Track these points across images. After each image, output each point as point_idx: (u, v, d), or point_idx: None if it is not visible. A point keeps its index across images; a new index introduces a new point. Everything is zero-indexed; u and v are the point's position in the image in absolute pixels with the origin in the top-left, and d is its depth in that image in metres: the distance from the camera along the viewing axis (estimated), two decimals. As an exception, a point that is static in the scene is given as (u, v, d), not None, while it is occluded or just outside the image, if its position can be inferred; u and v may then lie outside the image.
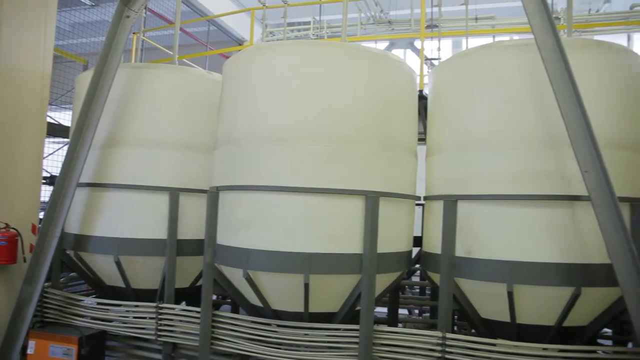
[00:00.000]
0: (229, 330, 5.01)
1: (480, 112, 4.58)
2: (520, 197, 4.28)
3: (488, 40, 12.28)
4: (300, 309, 4.63)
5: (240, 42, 15.46)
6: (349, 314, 4.75)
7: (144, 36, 10.23)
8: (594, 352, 4.29)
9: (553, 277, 4.19)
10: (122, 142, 5.79)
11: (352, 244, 4.50)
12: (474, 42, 12.52)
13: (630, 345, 4.83)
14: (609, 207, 3.75)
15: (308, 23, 14.66)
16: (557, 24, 11.01)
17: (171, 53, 6.92)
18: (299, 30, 14.95)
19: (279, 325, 4.78)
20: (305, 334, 4.68)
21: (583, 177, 3.85)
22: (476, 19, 12.72)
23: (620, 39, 13.25)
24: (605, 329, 5.87)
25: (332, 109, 4.55)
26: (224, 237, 4.85)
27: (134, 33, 10.01)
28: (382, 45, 14.01)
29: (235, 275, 4.82)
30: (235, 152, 4.79)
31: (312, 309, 4.63)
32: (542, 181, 4.25)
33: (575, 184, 4.07)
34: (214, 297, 7.23)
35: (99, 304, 5.84)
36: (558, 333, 4.41)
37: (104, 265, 5.87)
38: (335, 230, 4.49)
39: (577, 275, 4.17)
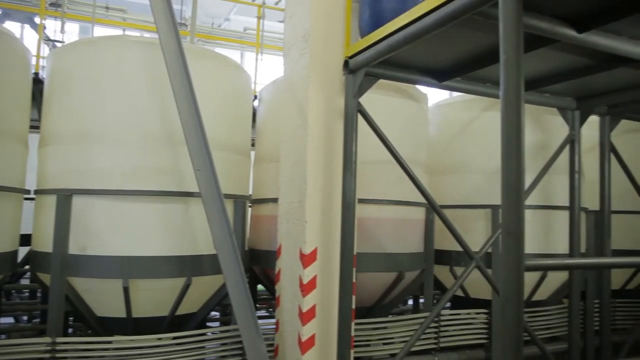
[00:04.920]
0: None
1: (102, 105, 4.44)
2: (137, 193, 4.35)
3: (118, 32, 12.07)
4: None
5: None
6: None
7: None
8: (204, 334, 4.66)
9: (167, 269, 4.41)
10: None
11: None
12: (103, 31, 12.14)
13: (232, 324, 5.48)
14: (216, 202, 4.11)
15: None
16: (184, 30, 11.69)
17: None
18: None
19: None
20: None
21: (195, 174, 4.15)
22: (107, 8, 12.33)
23: (235, 55, 14.97)
24: (213, 312, 6.55)
25: None
26: None
27: None
28: (-7, 14, 12.08)
29: None
30: None
31: None
32: (160, 177, 4.42)
33: (189, 181, 4.36)
34: None
35: None
36: (172, 322, 4.65)
37: None
38: None
39: (189, 266, 4.50)
